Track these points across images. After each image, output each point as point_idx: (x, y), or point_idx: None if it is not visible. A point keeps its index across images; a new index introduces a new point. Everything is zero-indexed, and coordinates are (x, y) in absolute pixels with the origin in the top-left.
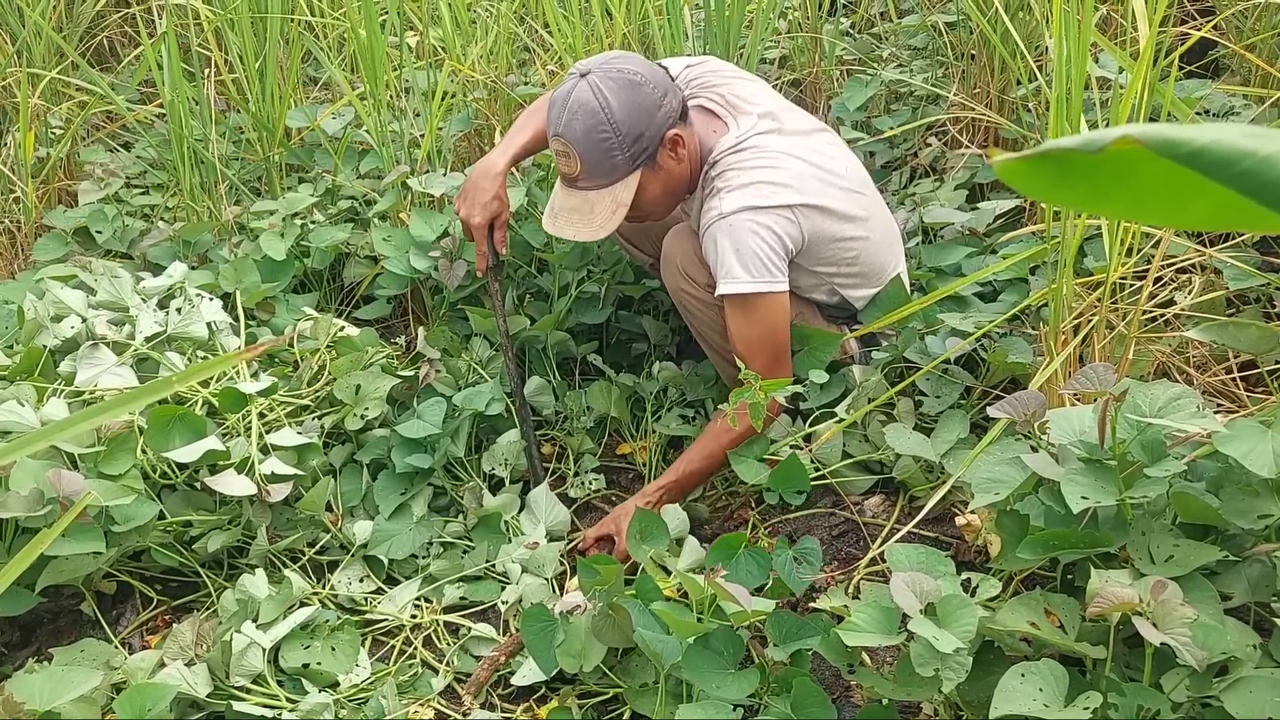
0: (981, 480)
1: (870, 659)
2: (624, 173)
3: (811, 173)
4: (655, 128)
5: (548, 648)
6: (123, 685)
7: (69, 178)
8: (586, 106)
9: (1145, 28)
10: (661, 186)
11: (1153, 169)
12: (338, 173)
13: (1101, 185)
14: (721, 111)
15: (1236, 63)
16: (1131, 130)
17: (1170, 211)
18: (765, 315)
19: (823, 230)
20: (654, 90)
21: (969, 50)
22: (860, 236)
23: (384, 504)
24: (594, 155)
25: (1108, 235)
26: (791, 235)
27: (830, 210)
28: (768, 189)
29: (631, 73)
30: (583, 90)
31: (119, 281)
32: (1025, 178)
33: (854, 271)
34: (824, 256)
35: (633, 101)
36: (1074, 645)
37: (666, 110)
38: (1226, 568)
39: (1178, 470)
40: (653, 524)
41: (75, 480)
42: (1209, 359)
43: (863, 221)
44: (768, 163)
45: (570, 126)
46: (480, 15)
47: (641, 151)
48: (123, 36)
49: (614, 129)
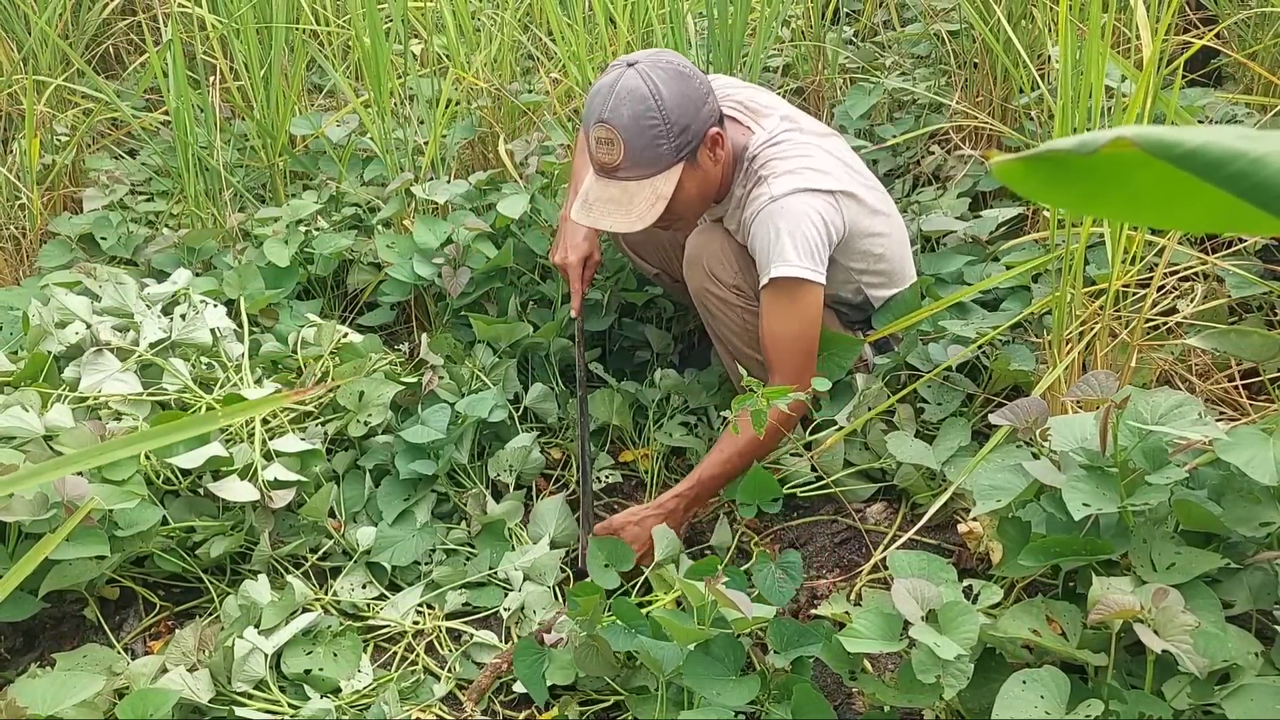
0: (983, 487)
1: (871, 666)
2: (667, 164)
3: (840, 166)
4: (701, 121)
5: (539, 679)
6: (125, 690)
7: (74, 184)
8: (636, 93)
9: (1149, 36)
10: (698, 187)
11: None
12: (342, 180)
13: (1097, 187)
14: (743, 117)
15: (1238, 71)
16: (1126, 132)
17: (1165, 213)
18: (805, 307)
19: (858, 222)
20: (700, 85)
21: (972, 59)
22: (885, 232)
23: (387, 510)
24: (640, 143)
25: (1110, 243)
26: (835, 224)
27: (862, 201)
28: (813, 175)
29: (680, 65)
30: (631, 78)
31: (124, 288)
32: (1023, 179)
33: (881, 269)
34: (857, 250)
35: (682, 92)
36: (1075, 652)
37: (710, 108)
38: (1228, 575)
39: (1179, 478)
40: (617, 549)
41: (79, 484)
42: (1211, 367)
43: (886, 217)
44: (805, 153)
45: (618, 112)
46: (484, 23)
47: (686, 145)
48: (128, 44)
49: (663, 116)
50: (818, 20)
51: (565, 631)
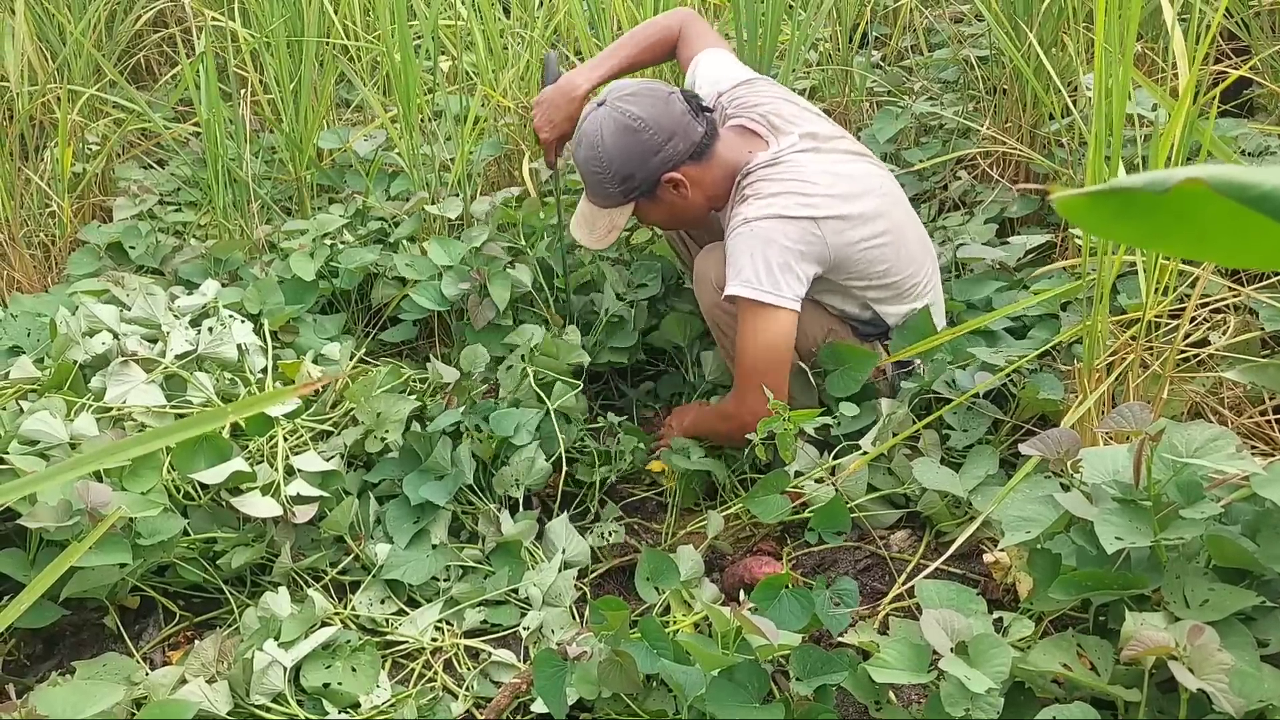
0: (1012, 518)
1: (896, 697)
2: (617, 202)
3: (840, 186)
4: (649, 171)
5: (559, 694)
6: (144, 701)
7: (104, 193)
8: (589, 138)
9: (1185, 65)
10: (666, 212)
11: (1216, 209)
12: (368, 194)
13: (1164, 223)
14: (763, 131)
15: (1272, 102)
16: (1198, 171)
17: (1233, 251)
18: (766, 328)
19: (847, 239)
20: (654, 136)
21: (1001, 84)
22: (881, 233)
23: (397, 535)
24: (590, 181)
25: (1144, 273)
26: (816, 254)
27: (850, 216)
28: (795, 200)
29: (633, 117)
30: (592, 121)
31: (153, 299)
32: (1087, 214)
33: (886, 284)
34: (854, 270)
35: (626, 146)
36: (1107, 688)
37: (666, 155)
38: (1263, 614)
39: (1214, 513)
40: (663, 565)
41: (103, 492)
42: (1244, 400)
43: (882, 218)
44: (799, 176)
45: (577, 150)
46: (512, 41)
47: (633, 189)
48: (160, 56)
49: (605, 166)
50: (845, 44)
51: (589, 646)
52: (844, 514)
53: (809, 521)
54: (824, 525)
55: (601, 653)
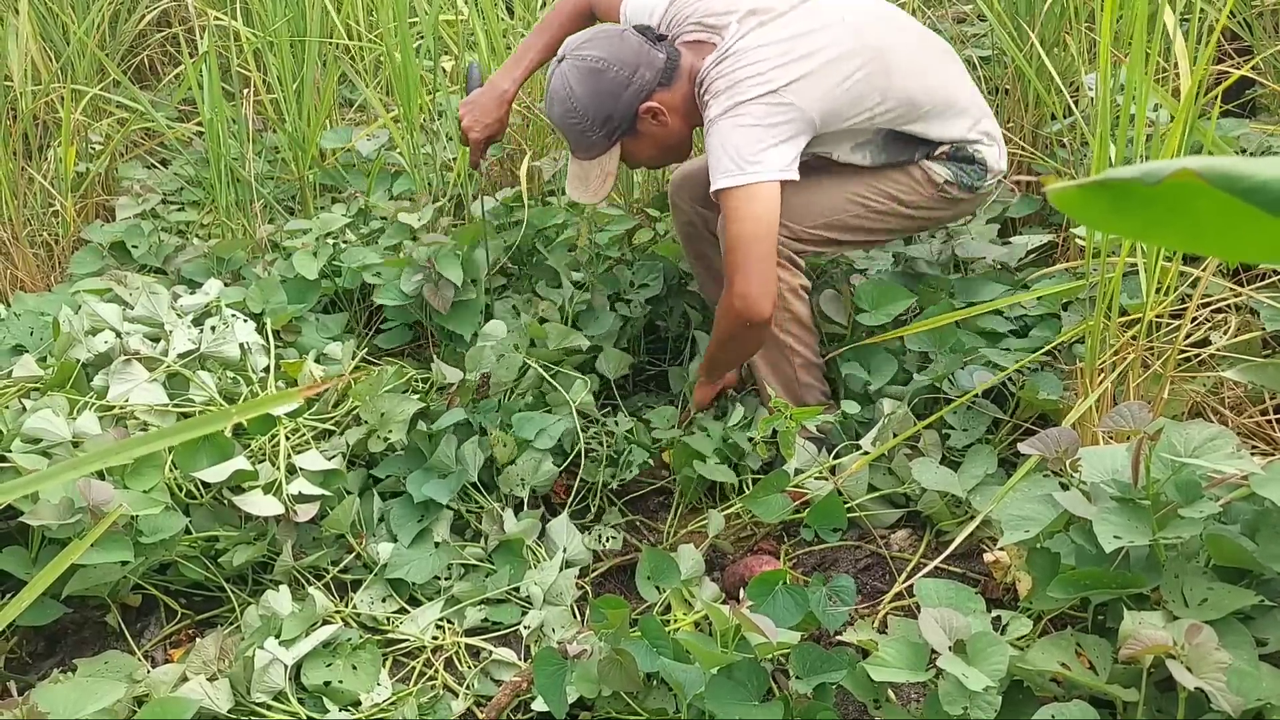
0: (1011, 517)
1: (895, 695)
2: (603, 148)
3: (794, 48)
4: (624, 106)
5: (559, 692)
6: (145, 698)
7: (107, 193)
8: (558, 94)
9: (1187, 66)
10: (651, 145)
11: (1210, 202)
12: (370, 194)
13: (1158, 216)
14: (705, 35)
15: (1274, 102)
16: (1190, 163)
17: (1227, 243)
18: (748, 204)
19: (821, 90)
20: (620, 71)
21: (1003, 84)
22: (857, 69)
23: (401, 533)
24: (573, 135)
25: (1145, 273)
26: (790, 119)
27: (812, 72)
28: (749, 84)
29: (594, 59)
30: (558, 77)
31: (156, 298)
32: (1080, 206)
33: (890, 108)
34: (849, 112)
35: (596, 88)
36: (1106, 687)
37: (637, 87)
38: (1261, 613)
39: (1213, 512)
40: (664, 564)
41: (105, 490)
42: (1244, 400)
43: (852, 54)
44: (746, 61)
45: (551, 111)
46: (515, 41)
47: (615, 129)
48: (164, 56)
49: (582, 115)
50: None
51: (589, 644)
52: (840, 511)
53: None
54: (820, 522)
55: (602, 651)
